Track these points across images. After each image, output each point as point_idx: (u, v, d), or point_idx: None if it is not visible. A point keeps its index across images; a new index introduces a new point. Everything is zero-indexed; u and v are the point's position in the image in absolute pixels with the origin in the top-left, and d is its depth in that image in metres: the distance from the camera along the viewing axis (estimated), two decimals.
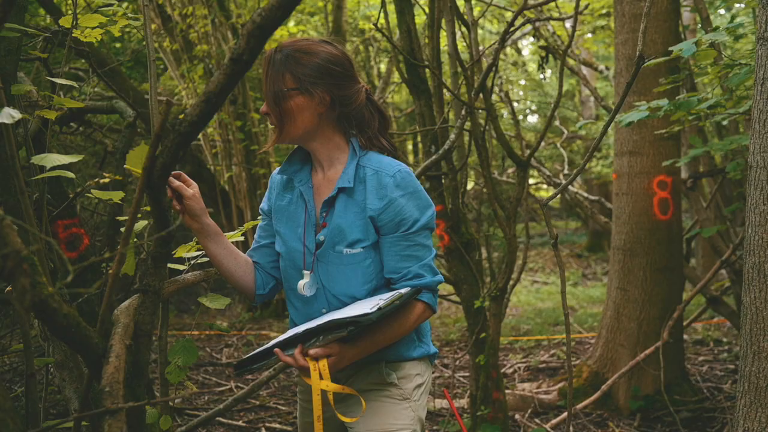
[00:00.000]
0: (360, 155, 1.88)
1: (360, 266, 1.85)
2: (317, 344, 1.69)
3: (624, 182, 4.26)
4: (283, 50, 1.82)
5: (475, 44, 3.63)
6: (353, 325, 1.63)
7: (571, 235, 13.76)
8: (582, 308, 7.87)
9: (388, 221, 1.82)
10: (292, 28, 7.71)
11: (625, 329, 4.28)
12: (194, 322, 6.97)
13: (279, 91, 1.79)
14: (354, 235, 1.84)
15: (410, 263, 1.84)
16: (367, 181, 1.84)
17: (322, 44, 1.85)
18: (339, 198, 1.86)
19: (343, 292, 1.87)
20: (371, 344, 1.80)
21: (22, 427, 1.26)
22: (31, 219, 1.59)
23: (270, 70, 1.81)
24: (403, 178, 1.82)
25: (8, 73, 1.94)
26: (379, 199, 1.81)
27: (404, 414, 1.88)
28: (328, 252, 1.86)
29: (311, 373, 1.68)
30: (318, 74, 1.80)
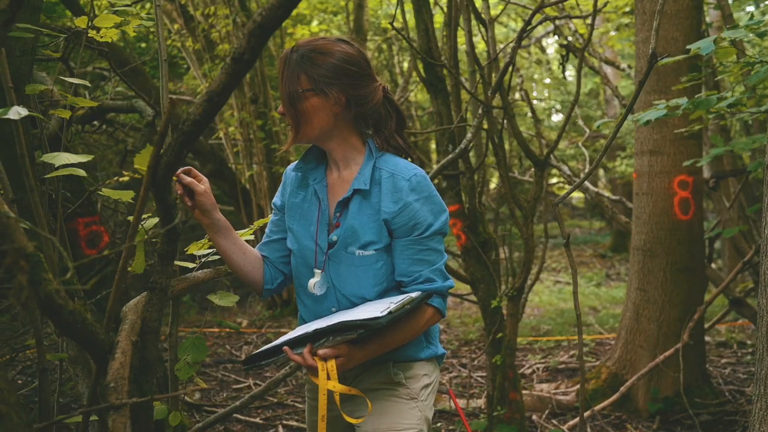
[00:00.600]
0: (376, 157, 1.88)
1: (371, 268, 1.86)
2: (326, 345, 1.70)
3: (644, 182, 4.21)
4: (299, 50, 1.82)
5: (493, 43, 3.61)
6: (363, 329, 1.63)
7: (595, 235, 13.64)
8: (605, 309, 7.80)
9: (401, 225, 1.82)
10: (314, 27, 7.74)
11: (644, 330, 4.23)
12: (205, 319, 7.02)
13: (294, 92, 1.80)
14: (367, 237, 1.84)
15: (422, 267, 1.85)
16: (382, 183, 1.84)
17: (339, 43, 1.85)
18: (354, 199, 1.86)
19: (353, 292, 1.88)
20: (380, 346, 1.80)
21: (27, 421, 1.27)
22: (41, 216, 1.61)
23: (286, 71, 1.82)
24: (418, 182, 1.82)
25: (23, 72, 1.97)
26: (394, 203, 1.82)
27: (411, 413, 1.88)
28: (340, 252, 1.87)
29: (319, 373, 1.68)
30: (333, 74, 1.80)
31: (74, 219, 3.78)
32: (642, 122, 3.07)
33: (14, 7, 1.36)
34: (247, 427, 4.21)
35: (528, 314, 7.38)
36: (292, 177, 2.03)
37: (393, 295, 1.86)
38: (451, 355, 5.66)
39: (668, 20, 4.04)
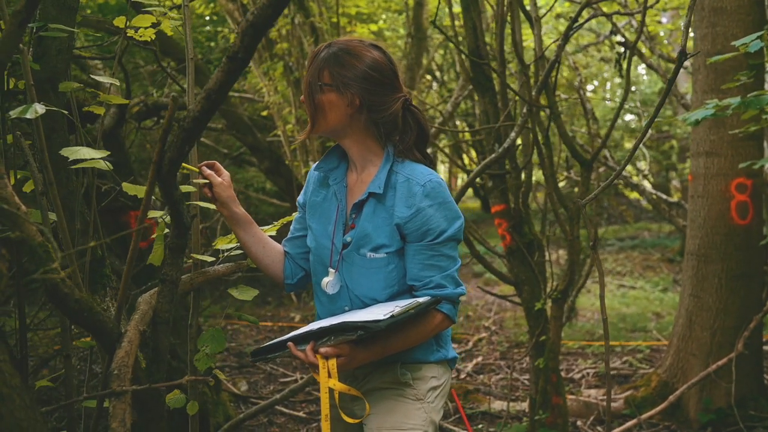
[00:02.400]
0: (394, 161, 1.89)
1: (382, 271, 1.87)
2: (328, 343, 1.72)
3: (700, 184, 4.06)
4: (331, 47, 1.87)
5: (539, 40, 3.55)
6: (363, 330, 1.65)
7: (663, 239, 13.18)
8: (669, 315, 7.54)
9: (414, 230, 1.83)
10: (373, 26, 7.77)
11: (697, 338, 4.09)
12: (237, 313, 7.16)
13: (314, 84, 1.85)
14: (379, 239, 1.86)
15: (433, 273, 1.85)
16: (397, 187, 1.86)
17: (371, 48, 1.88)
18: (369, 201, 1.88)
19: (365, 294, 1.90)
20: (384, 349, 1.82)
21: (30, 403, 1.33)
22: (60, 210, 1.68)
23: (314, 62, 1.88)
24: (433, 188, 1.83)
25: (59, 71, 2.05)
26: (407, 207, 1.83)
27: (416, 414, 1.87)
28: (352, 253, 1.89)
29: (320, 371, 1.71)
30: (353, 76, 1.83)
31: (126, 212, 3.93)
32: (690, 122, 2.97)
33: (30, 9, 1.43)
34: (291, 420, 4.27)
35: (587, 318, 7.22)
36: (314, 176, 2.07)
37: (405, 299, 1.87)
38: (499, 357, 5.60)
39: (728, 16, 3.88)
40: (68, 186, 2.12)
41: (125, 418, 1.39)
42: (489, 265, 3.83)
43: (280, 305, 7.80)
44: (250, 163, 8.16)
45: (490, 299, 7.99)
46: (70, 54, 2.10)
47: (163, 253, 1.91)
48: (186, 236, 1.62)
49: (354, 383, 1.95)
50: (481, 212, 15.08)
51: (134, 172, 4.07)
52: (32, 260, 1.32)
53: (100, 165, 1.69)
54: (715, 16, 3.92)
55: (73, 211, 2.09)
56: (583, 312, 7.32)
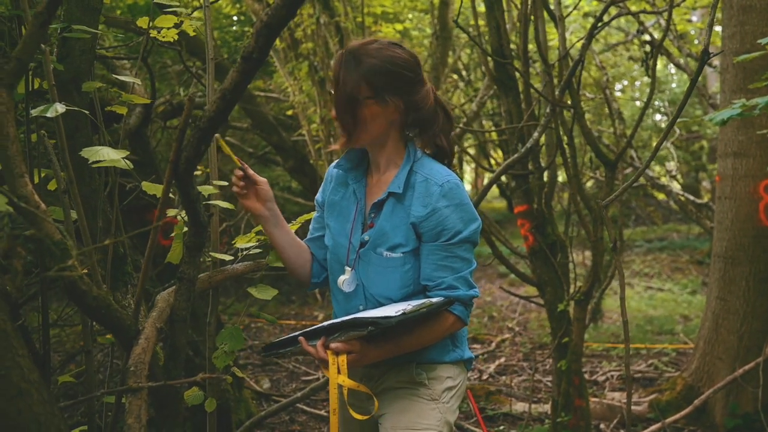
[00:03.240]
0: (414, 160, 1.89)
1: (398, 270, 1.88)
2: (339, 339, 1.73)
3: (727, 185, 4.00)
4: (356, 55, 1.84)
5: (563, 39, 3.52)
6: (373, 326, 1.65)
7: (692, 241, 12.99)
8: (697, 317, 7.43)
9: (429, 229, 1.83)
10: (399, 26, 7.77)
11: (723, 342, 4.02)
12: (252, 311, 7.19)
13: (354, 99, 1.81)
14: (396, 239, 1.86)
15: (446, 274, 1.85)
16: (416, 187, 1.86)
17: (393, 48, 1.87)
18: (388, 201, 1.89)
19: (380, 293, 1.91)
20: (395, 348, 1.82)
21: (48, 398, 1.36)
22: (80, 207, 1.71)
23: (344, 75, 1.83)
24: (450, 188, 1.83)
25: (83, 71, 2.09)
26: (423, 207, 1.83)
27: (431, 414, 1.87)
28: (369, 252, 1.90)
29: (330, 367, 1.71)
30: (393, 81, 1.82)
31: (151, 210, 3.97)
32: (716, 122, 2.91)
33: (51, 10, 1.45)
34: (312, 418, 4.29)
35: (613, 320, 7.14)
36: (334, 174, 2.07)
37: (419, 299, 1.87)
38: (522, 358, 5.57)
39: (757, 15, 3.81)
40: (91, 184, 2.15)
41: (141, 414, 1.41)
42: (511, 266, 3.81)
43: (304, 304, 7.83)
44: (275, 162, 8.21)
45: (515, 300, 7.94)
46: (94, 54, 2.13)
47: (180, 251, 1.93)
48: (203, 235, 1.64)
49: (369, 382, 1.96)
50: (506, 212, 14.98)
51: (160, 171, 4.12)
52: (51, 258, 1.34)
53: (120, 164, 1.71)
54: (743, 15, 3.85)
55: (96, 209, 2.12)
56: (609, 314, 7.24)
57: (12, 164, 1.40)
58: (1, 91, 1.41)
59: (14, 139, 1.41)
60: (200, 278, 1.89)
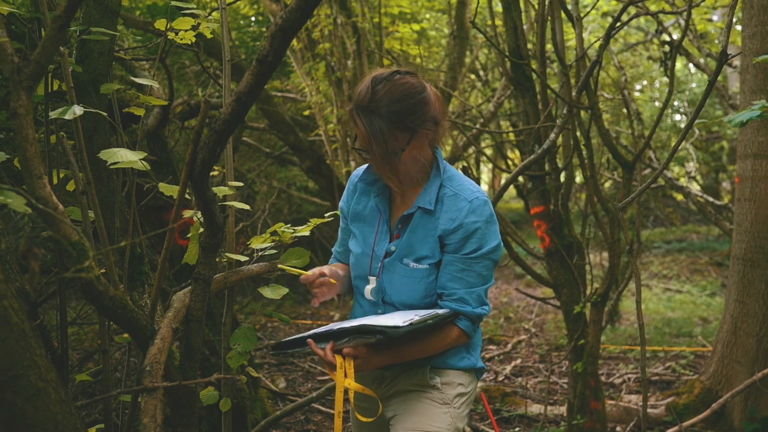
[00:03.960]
0: (443, 175, 1.92)
1: (423, 281, 1.91)
2: (347, 344, 1.77)
3: (747, 187, 3.95)
4: (371, 108, 1.79)
5: (580, 39, 3.50)
6: (381, 335, 1.69)
7: (712, 242, 12.86)
8: (716, 320, 7.36)
9: (453, 242, 1.86)
10: (415, 25, 7.76)
11: (742, 345, 3.98)
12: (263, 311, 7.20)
13: (393, 151, 1.80)
14: (423, 251, 1.89)
15: (459, 286, 1.87)
16: (444, 201, 1.89)
17: (408, 78, 1.85)
18: (416, 214, 1.92)
19: (404, 301, 1.93)
20: (398, 356, 1.86)
21: (65, 398, 1.37)
22: (97, 209, 1.72)
23: (375, 126, 1.78)
24: (478, 205, 1.86)
25: (101, 73, 2.11)
26: (451, 220, 1.86)
27: (442, 418, 1.89)
28: (395, 262, 1.93)
29: (337, 370, 1.75)
30: (421, 114, 1.82)
31: (169, 210, 4.00)
32: (735, 123, 2.88)
33: (69, 14, 1.47)
34: (327, 418, 4.30)
35: (630, 322, 7.09)
36: (358, 184, 2.07)
37: (428, 309, 1.90)
38: (538, 360, 5.54)
39: None
40: (109, 185, 2.18)
41: (156, 414, 1.42)
42: (527, 267, 3.79)
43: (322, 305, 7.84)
44: (292, 162, 8.24)
45: (531, 301, 7.91)
46: (112, 56, 2.15)
47: (197, 252, 1.94)
48: (219, 236, 1.65)
49: (381, 384, 1.98)
50: (523, 212, 14.93)
51: (177, 171, 4.14)
52: (68, 258, 1.36)
53: (137, 166, 1.72)
54: (764, 15, 3.81)
55: (113, 209, 2.14)
56: (627, 316, 7.19)
57: (31, 166, 1.42)
58: (20, 94, 1.43)
59: (33, 141, 1.43)
60: (216, 279, 1.90)
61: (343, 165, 6.78)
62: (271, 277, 2.20)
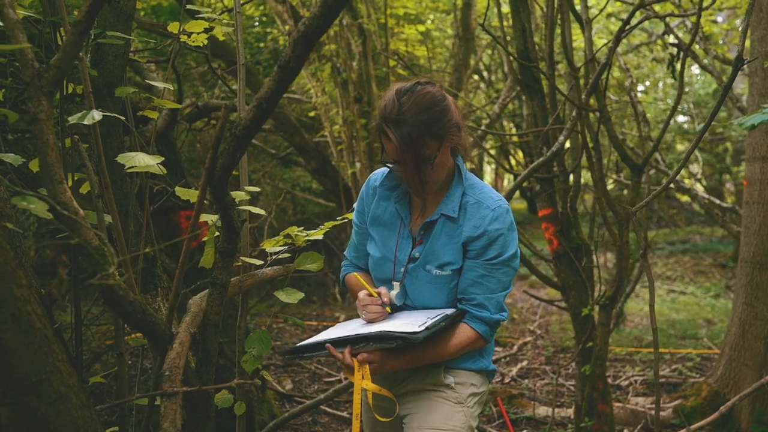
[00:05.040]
0: (465, 183, 1.93)
1: (446, 287, 1.94)
2: (365, 349, 1.80)
3: (755, 190, 3.95)
4: (409, 114, 1.79)
5: (589, 42, 3.50)
6: (401, 341, 1.72)
7: (716, 243, 12.86)
8: (721, 322, 7.36)
9: (476, 248, 1.89)
10: (420, 27, 7.76)
11: (750, 348, 3.97)
12: (277, 312, 7.20)
13: (425, 159, 1.81)
14: (446, 257, 1.91)
15: (479, 291, 1.90)
16: (467, 209, 1.91)
17: (428, 87, 1.86)
18: (439, 221, 1.93)
19: (426, 305, 1.96)
20: (414, 360, 1.88)
21: (86, 403, 1.38)
22: (115, 212, 1.72)
23: (407, 136, 1.78)
24: (501, 213, 1.89)
25: (115, 76, 2.11)
26: (475, 228, 1.89)
27: (457, 417, 1.91)
28: (419, 268, 1.94)
29: (355, 374, 1.80)
30: (447, 120, 1.84)
31: (177, 212, 4.00)
32: (745, 126, 2.88)
33: (89, 20, 1.47)
34: (334, 420, 4.30)
35: (636, 324, 7.09)
36: (377, 188, 2.07)
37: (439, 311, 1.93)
38: (544, 362, 5.54)
39: None
40: (122, 188, 2.18)
41: (176, 419, 1.43)
42: (535, 269, 3.79)
43: (324, 304, 7.85)
44: (297, 163, 8.24)
45: (535, 302, 7.91)
46: (126, 59, 2.16)
47: (213, 256, 1.94)
48: (236, 241, 1.65)
49: (394, 383, 2.00)
50: (527, 213, 14.93)
51: (185, 172, 4.15)
52: (89, 263, 1.36)
53: (154, 170, 1.72)
54: None
55: (127, 212, 2.14)
56: (632, 317, 7.19)
57: (51, 171, 1.42)
58: (41, 99, 1.43)
59: (53, 146, 1.43)
60: (231, 282, 1.90)
61: (349, 166, 6.78)
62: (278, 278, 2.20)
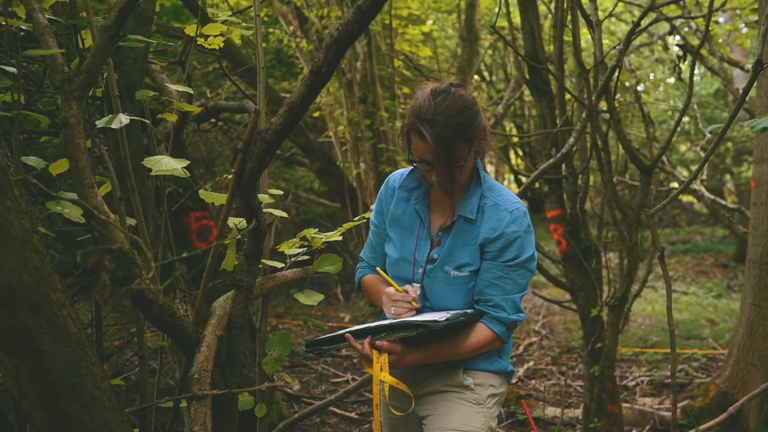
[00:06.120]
0: (484, 185, 1.95)
1: (464, 288, 1.95)
2: (386, 338, 1.82)
3: (763, 191, 3.96)
4: (445, 116, 1.79)
5: (599, 44, 3.51)
6: (423, 329, 1.74)
7: (717, 243, 12.88)
8: (723, 322, 7.37)
9: (493, 250, 1.91)
10: (424, 27, 7.78)
11: (758, 349, 3.99)
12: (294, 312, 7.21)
13: (456, 161, 1.82)
14: (464, 259, 1.93)
15: (496, 292, 1.92)
16: (485, 211, 1.93)
17: (460, 90, 1.87)
18: (457, 222, 1.95)
19: (444, 306, 1.97)
20: (432, 355, 1.90)
21: (118, 406, 1.38)
22: (140, 216, 1.73)
23: (442, 137, 1.78)
24: (518, 216, 1.91)
25: (135, 79, 2.12)
26: (492, 230, 1.90)
27: (477, 417, 1.93)
28: (437, 270, 1.96)
29: (374, 364, 1.82)
30: (477, 124, 1.85)
31: (187, 213, 4.01)
32: (756, 129, 2.89)
33: (119, 24, 1.48)
34: (342, 420, 4.31)
35: (639, 324, 7.10)
36: (396, 188, 2.08)
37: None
38: (551, 362, 5.55)
39: None
40: (141, 191, 2.19)
41: (206, 421, 1.43)
42: (546, 271, 3.80)
43: (328, 305, 7.86)
44: (299, 163, 8.25)
45: (538, 302, 7.92)
46: (145, 62, 2.16)
47: (234, 259, 1.95)
48: (262, 244, 1.66)
49: (414, 384, 2.01)
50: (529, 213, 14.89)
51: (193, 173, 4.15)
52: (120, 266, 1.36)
53: (179, 173, 1.73)
54: None
55: (147, 215, 2.15)
56: (635, 317, 7.20)
57: (82, 175, 1.43)
58: (71, 103, 1.44)
59: (84, 150, 1.44)
60: None
61: (353, 167, 6.79)
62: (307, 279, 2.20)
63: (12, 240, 1.13)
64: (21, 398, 1.27)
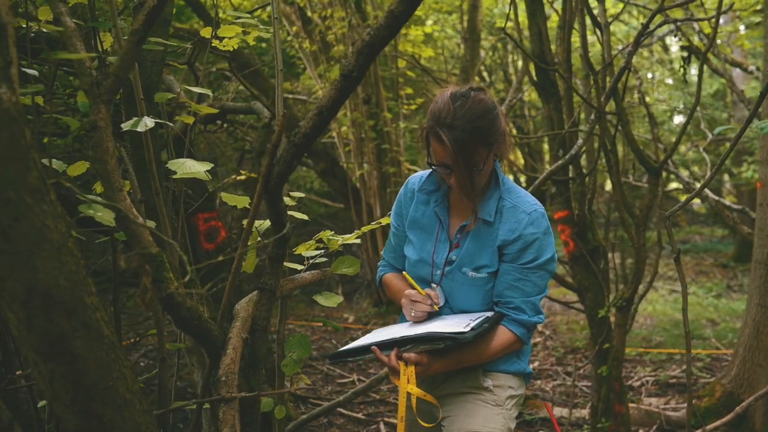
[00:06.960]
0: (502, 187, 1.95)
1: (482, 289, 1.96)
2: (413, 351, 1.82)
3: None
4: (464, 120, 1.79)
5: (608, 46, 3.52)
6: (450, 341, 1.75)
7: (716, 243, 12.93)
8: (724, 322, 7.40)
9: (511, 252, 1.91)
10: (427, 28, 7.79)
11: (764, 348, 4.00)
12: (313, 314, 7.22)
13: (476, 165, 1.83)
14: (482, 260, 1.94)
15: (516, 294, 1.92)
16: (504, 213, 1.93)
17: (480, 94, 1.86)
18: (476, 224, 1.95)
19: (463, 308, 1.99)
20: (456, 362, 1.90)
21: (147, 408, 1.39)
22: (165, 218, 1.74)
23: (461, 141, 1.79)
24: (537, 217, 1.91)
25: (153, 81, 2.12)
26: (511, 231, 1.91)
27: (496, 419, 1.94)
28: (455, 271, 1.97)
29: (401, 377, 1.81)
30: (497, 128, 1.86)
31: (195, 214, 4.01)
32: (765, 131, 2.92)
33: (147, 27, 1.48)
34: (350, 421, 4.32)
35: (641, 324, 7.12)
36: (415, 191, 2.08)
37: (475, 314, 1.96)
38: (555, 362, 5.57)
39: None
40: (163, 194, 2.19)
41: (235, 424, 1.44)
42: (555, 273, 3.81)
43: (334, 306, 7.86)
44: (301, 163, 8.25)
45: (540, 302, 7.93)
46: (163, 64, 2.17)
47: (254, 261, 1.96)
48: (286, 247, 1.66)
49: (432, 386, 2.03)
50: None
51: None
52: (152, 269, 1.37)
53: (202, 176, 1.73)
54: None
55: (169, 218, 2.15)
56: (636, 317, 7.21)
57: (111, 178, 1.44)
58: (100, 107, 1.44)
59: (113, 153, 1.45)
60: None
61: (357, 167, 6.79)
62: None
63: (49, 244, 1.13)
64: (54, 401, 1.28)
